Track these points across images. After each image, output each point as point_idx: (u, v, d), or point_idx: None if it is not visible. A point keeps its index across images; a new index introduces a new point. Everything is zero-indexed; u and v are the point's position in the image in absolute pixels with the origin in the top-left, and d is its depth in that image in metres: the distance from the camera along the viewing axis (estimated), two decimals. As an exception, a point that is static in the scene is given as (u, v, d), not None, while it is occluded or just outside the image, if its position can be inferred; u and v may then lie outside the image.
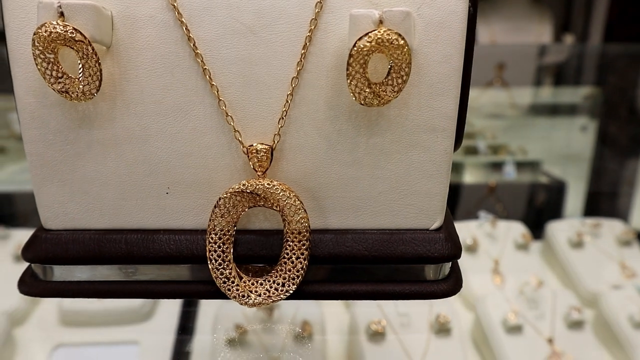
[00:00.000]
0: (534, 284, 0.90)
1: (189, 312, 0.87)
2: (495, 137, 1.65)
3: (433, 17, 0.30)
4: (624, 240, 1.05)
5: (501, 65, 2.31)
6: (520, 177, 1.46)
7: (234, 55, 0.30)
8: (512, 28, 2.41)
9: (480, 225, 1.07)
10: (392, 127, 0.30)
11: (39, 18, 0.28)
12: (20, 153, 1.63)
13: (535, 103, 2.06)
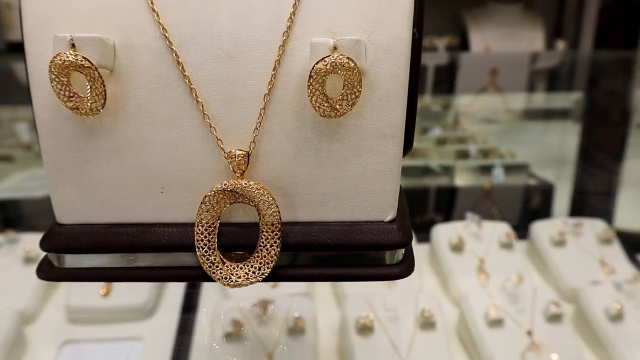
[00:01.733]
0: (515, 281, 0.95)
1: (189, 309, 0.92)
2: (486, 142, 1.70)
3: (382, 42, 0.35)
4: (604, 239, 1.10)
5: (494, 70, 2.36)
6: (509, 179, 1.50)
7: (216, 76, 0.36)
8: (505, 34, 2.44)
9: (466, 225, 1.12)
10: (350, 135, 0.36)
11: (54, 49, 0.34)
12: (27, 161, 1.68)
13: (528, 108, 2.10)
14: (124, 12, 0.36)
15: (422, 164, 1.51)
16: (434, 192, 1.51)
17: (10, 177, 1.62)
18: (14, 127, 1.89)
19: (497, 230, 1.10)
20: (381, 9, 0.35)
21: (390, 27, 0.35)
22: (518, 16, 2.49)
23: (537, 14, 2.49)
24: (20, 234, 1.09)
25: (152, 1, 0.35)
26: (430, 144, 1.67)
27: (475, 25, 2.45)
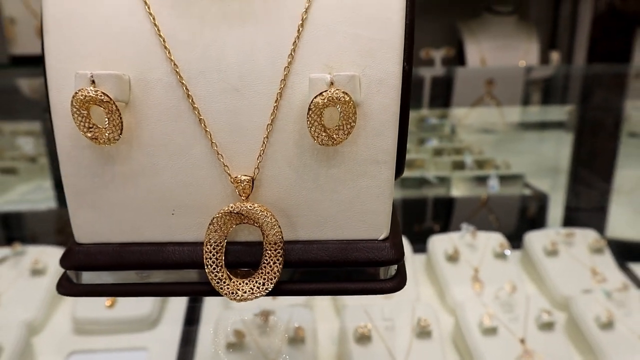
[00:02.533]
0: (508, 290, 0.98)
1: (192, 320, 0.95)
2: (481, 152, 1.72)
3: (374, 76, 0.39)
4: (595, 248, 1.13)
5: (490, 81, 2.39)
6: (504, 189, 1.53)
7: (223, 108, 0.39)
8: (500, 46, 2.47)
9: (461, 236, 1.15)
10: (346, 161, 0.40)
11: (76, 84, 0.37)
12: (31, 173, 1.70)
13: (524, 119, 2.12)
14: (138, 50, 0.39)
15: (419, 175, 1.54)
16: (432, 202, 1.54)
17: (14, 189, 1.64)
18: (17, 140, 1.91)
19: (492, 241, 1.13)
20: (373, 45, 0.39)
21: (382, 62, 0.39)
22: (513, 28, 2.52)
23: (532, 25, 2.53)
24: (26, 246, 1.12)
25: (164, 40, 0.39)
26: (427, 155, 1.70)
27: (471, 37, 2.49)
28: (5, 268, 1.07)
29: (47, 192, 1.56)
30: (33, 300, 0.98)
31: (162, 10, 0.39)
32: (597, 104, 1.89)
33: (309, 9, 0.39)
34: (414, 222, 1.47)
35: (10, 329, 0.86)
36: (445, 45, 2.51)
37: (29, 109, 2.16)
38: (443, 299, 1.04)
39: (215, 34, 0.39)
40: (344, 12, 0.39)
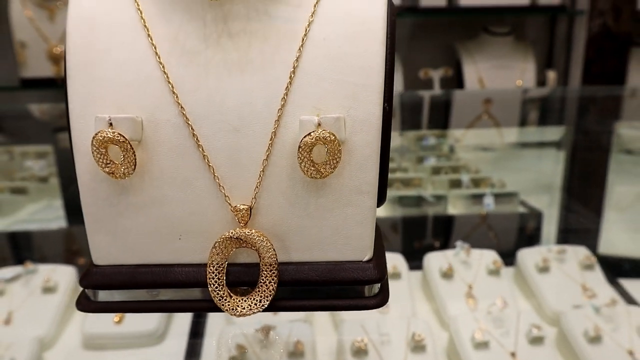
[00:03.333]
0: (499, 305, 1.02)
1: (197, 335, 0.99)
2: (478, 171, 1.76)
3: (358, 117, 0.44)
4: (585, 265, 1.17)
5: (488, 99, 2.44)
6: (500, 207, 1.57)
7: (224, 145, 0.44)
8: (497, 66, 2.52)
9: (456, 253, 1.19)
10: (333, 192, 0.45)
11: (96, 126, 0.43)
12: (40, 193, 1.75)
13: (521, 138, 2.16)
14: (150, 94, 0.44)
15: (416, 194, 1.59)
16: (430, 220, 1.58)
17: (24, 208, 1.67)
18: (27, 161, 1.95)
19: (485, 258, 1.18)
20: (357, 90, 0.44)
21: (365, 104, 0.44)
22: (510, 48, 2.56)
23: (529, 45, 2.57)
24: (38, 265, 1.16)
25: (172, 86, 0.44)
26: (425, 173, 1.74)
27: (468, 57, 2.54)
28: (18, 286, 1.11)
29: (57, 212, 1.61)
30: (44, 317, 1.03)
31: (170, 59, 0.45)
32: (590, 124, 1.93)
33: (299, 58, 0.44)
34: (413, 239, 1.51)
35: (23, 345, 0.90)
36: (443, 65, 2.57)
37: (39, 130, 2.22)
38: (438, 314, 1.08)
39: (218, 80, 0.44)
40: (331, 61, 0.44)
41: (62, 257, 1.38)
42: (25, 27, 2.32)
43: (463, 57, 2.51)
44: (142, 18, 0.46)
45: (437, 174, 1.73)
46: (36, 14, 2.31)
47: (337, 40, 0.45)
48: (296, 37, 0.45)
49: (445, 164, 1.82)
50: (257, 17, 0.45)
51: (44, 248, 1.45)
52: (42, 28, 2.30)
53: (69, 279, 1.12)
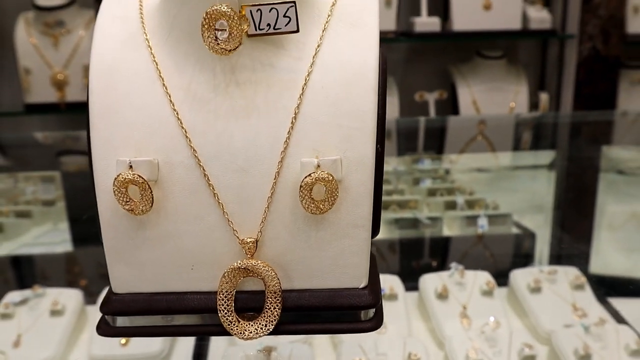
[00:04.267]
0: (493, 325, 1.06)
1: (200, 357, 1.03)
2: (472, 193, 1.81)
3: (353, 158, 0.49)
4: (576, 285, 1.21)
5: (482, 121, 2.49)
6: (493, 229, 1.61)
7: (233, 184, 0.49)
8: (491, 88, 2.57)
9: (451, 275, 1.23)
10: (332, 226, 0.50)
11: (117, 169, 0.47)
12: (44, 217, 1.79)
13: (514, 159, 2.20)
14: (165, 138, 0.49)
15: (412, 216, 1.63)
16: (426, 242, 1.62)
17: (29, 232, 1.71)
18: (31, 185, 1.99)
19: (479, 279, 1.22)
20: (352, 133, 0.49)
21: (359, 146, 0.49)
22: (503, 71, 2.62)
23: (521, 68, 2.63)
24: (45, 288, 1.20)
25: (185, 130, 0.49)
26: (421, 195, 1.79)
27: (462, 80, 2.59)
28: (27, 309, 1.15)
29: (61, 235, 1.65)
30: (52, 339, 1.06)
31: (183, 106, 0.50)
32: (581, 146, 1.98)
33: (300, 105, 0.49)
34: (409, 260, 1.55)
35: (35, 367, 0.94)
36: (438, 88, 2.63)
37: (43, 154, 2.26)
38: (433, 334, 1.12)
39: (226, 124, 0.49)
40: (329, 107, 0.49)
41: (69, 281, 1.42)
42: (29, 54, 2.39)
43: (457, 80, 2.57)
44: (158, 69, 0.51)
45: (433, 196, 1.78)
46: (40, 42, 2.38)
47: (334, 88, 0.50)
48: (297, 85, 0.50)
49: (441, 185, 1.86)
50: (261, 68, 0.50)
51: (50, 271, 1.49)
52: (47, 55, 2.37)
53: (76, 301, 1.16)
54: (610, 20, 2.35)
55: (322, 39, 0.51)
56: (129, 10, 0.54)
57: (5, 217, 1.71)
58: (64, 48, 2.34)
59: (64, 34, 2.34)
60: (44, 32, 2.34)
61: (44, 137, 2.51)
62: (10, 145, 2.33)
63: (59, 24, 2.34)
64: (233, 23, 0.46)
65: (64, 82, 2.33)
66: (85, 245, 1.56)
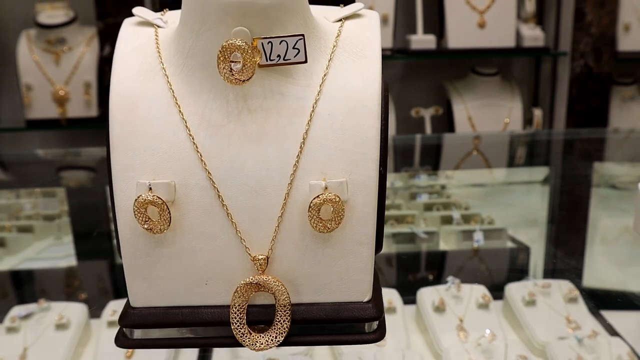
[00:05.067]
0: (489, 337, 1.09)
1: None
2: (468, 208, 1.84)
3: (358, 180, 0.52)
4: (569, 298, 1.24)
5: (478, 136, 2.53)
6: (489, 243, 1.64)
7: (245, 205, 0.53)
8: (485, 104, 2.61)
9: (447, 288, 1.26)
10: (338, 243, 0.53)
11: (137, 191, 0.51)
12: (46, 231, 1.81)
13: (508, 177, 2.23)
14: (181, 161, 0.53)
15: (410, 231, 1.66)
16: (423, 256, 1.65)
17: (30, 246, 1.73)
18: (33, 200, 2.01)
19: (475, 292, 1.25)
20: (357, 157, 0.53)
21: (363, 169, 0.53)
22: (497, 87, 2.66)
23: (515, 84, 2.68)
24: (51, 302, 1.22)
25: (200, 154, 0.53)
26: (418, 210, 1.82)
27: (457, 97, 2.63)
28: (32, 323, 1.17)
29: (65, 250, 1.67)
30: (57, 353, 1.09)
31: (199, 131, 0.53)
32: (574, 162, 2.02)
33: (308, 131, 0.53)
34: (406, 274, 1.58)
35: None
36: (434, 104, 2.67)
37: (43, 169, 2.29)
38: (431, 346, 1.15)
39: (239, 149, 0.53)
40: (335, 133, 0.53)
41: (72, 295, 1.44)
42: (31, 71, 2.42)
43: (452, 97, 2.62)
44: (174, 96, 0.54)
45: (429, 210, 1.81)
46: (42, 58, 2.41)
47: (339, 115, 0.53)
48: (305, 112, 0.53)
49: (437, 200, 1.89)
50: (271, 96, 0.53)
51: (53, 286, 1.51)
52: (48, 72, 2.40)
53: (80, 315, 1.18)
54: (602, 38, 2.40)
55: (328, 69, 0.55)
56: (145, 40, 0.58)
57: (7, 232, 1.73)
58: (65, 65, 2.38)
59: (65, 51, 2.38)
60: (46, 49, 2.38)
61: (45, 153, 2.54)
62: (12, 161, 2.36)
63: (60, 41, 2.38)
64: (247, 55, 0.50)
65: (65, 98, 2.37)
66: (87, 260, 1.58)
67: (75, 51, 2.39)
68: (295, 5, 0.53)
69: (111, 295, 1.38)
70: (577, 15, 2.39)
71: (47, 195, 2.02)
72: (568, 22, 2.43)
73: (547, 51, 2.50)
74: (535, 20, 2.47)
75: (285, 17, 0.52)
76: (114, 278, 1.49)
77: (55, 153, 2.53)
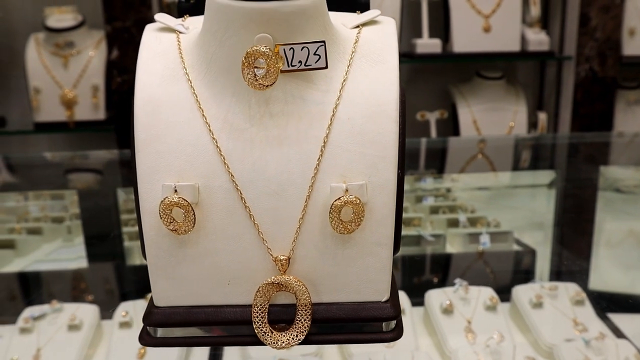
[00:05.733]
0: (497, 339, 1.11)
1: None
2: (474, 211, 1.85)
3: (377, 182, 0.54)
4: (576, 300, 1.26)
5: (483, 140, 2.54)
6: (495, 246, 1.66)
7: (267, 207, 0.54)
8: (490, 108, 2.62)
9: (455, 290, 1.28)
10: (357, 244, 0.54)
11: (163, 193, 0.52)
12: (55, 234, 1.83)
13: (513, 180, 2.23)
14: (205, 164, 0.54)
15: (416, 233, 1.68)
16: (429, 258, 1.67)
17: (39, 248, 1.74)
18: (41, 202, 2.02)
19: (483, 294, 1.26)
20: (376, 160, 0.54)
21: (382, 172, 0.54)
22: (502, 91, 2.67)
23: (520, 88, 2.68)
24: (63, 303, 1.24)
25: (224, 157, 0.54)
26: (424, 213, 1.83)
27: (462, 100, 2.64)
28: (45, 324, 1.19)
29: (75, 253, 1.69)
30: (70, 353, 1.10)
31: (222, 135, 0.55)
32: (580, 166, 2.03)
33: (328, 135, 0.54)
34: (414, 277, 1.59)
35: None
36: (439, 108, 2.69)
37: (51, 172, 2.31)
38: (439, 348, 1.16)
39: (261, 152, 0.54)
40: (354, 136, 0.54)
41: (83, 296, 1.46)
42: (40, 74, 2.44)
43: (457, 100, 2.63)
44: (197, 100, 0.56)
45: (436, 213, 1.82)
46: (51, 62, 2.43)
47: (359, 119, 0.55)
48: (325, 116, 0.55)
49: (443, 203, 1.91)
50: (293, 101, 0.55)
51: (66, 287, 1.52)
52: (56, 75, 2.42)
53: (92, 316, 1.20)
54: (607, 42, 2.42)
55: (347, 74, 0.56)
56: (167, 46, 0.59)
57: (17, 234, 1.75)
58: (73, 68, 2.40)
59: (73, 54, 2.40)
60: (54, 52, 2.40)
61: (52, 155, 2.55)
62: (20, 163, 2.37)
63: (68, 44, 2.40)
64: (270, 62, 0.51)
65: (73, 101, 2.38)
66: (98, 262, 1.60)
67: (83, 54, 2.41)
68: (316, 12, 0.55)
69: (120, 297, 1.40)
70: (582, 19, 2.40)
71: (56, 198, 2.04)
72: (573, 27, 2.44)
73: (552, 55, 2.51)
74: (540, 25, 2.48)
75: (306, 24, 0.54)
76: (126, 280, 1.50)
77: (63, 156, 2.54)
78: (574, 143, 2.32)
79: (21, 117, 2.59)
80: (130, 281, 1.53)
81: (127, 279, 1.52)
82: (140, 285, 1.41)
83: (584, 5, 2.37)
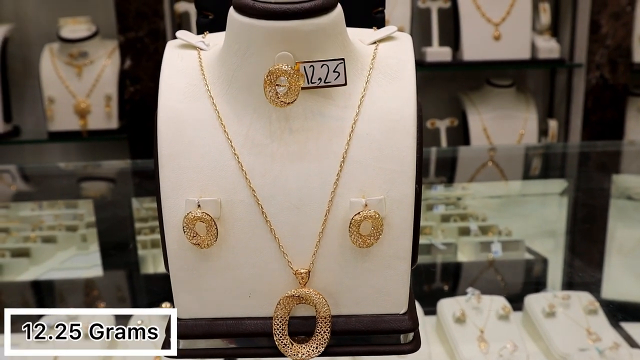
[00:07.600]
0: (510, 349, 1.11)
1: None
2: (485, 219, 1.85)
3: (395, 197, 0.55)
4: (589, 310, 1.25)
5: (493, 148, 2.54)
6: (506, 255, 1.65)
7: (287, 221, 0.55)
8: (500, 116, 2.62)
9: (467, 299, 1.28)
10: (376, 258, 0.55)
11: (186, 207, 0.54)
12: (69, 242, 1.84)
13: (524, 189, 2.23)
14: (227, 179, 0.55)
15: (428, 242, 1.68)
16: (440, 267, 1.67)
17: (53, 256, 1.76)
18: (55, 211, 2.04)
19: (495, 303, 1.26)
20: (394, 175, 0.55)
21: (400, 187, 0.55)
22: (512, 99, 2.67)
23: (530, 96, 2.68)
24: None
25: (245, 172, 0.55)
26: (435, 221, 1.84)
27: (472, 108, 2.65)
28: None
29: (89, 261, 1.70)
30: (88, 358, 1.11)
31: (243, 151, 0.56)
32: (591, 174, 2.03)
33: (348, 150, 0.55)
34: (425, 285, 1.59)
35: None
36: (449, 116, 2.69)
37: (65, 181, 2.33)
38: (452, 357, 1.16)
39: (281, 168, 0.56)
40: (373, 152, 0.56)
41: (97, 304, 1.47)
42: (54, 84, 2.47)
43: (468, 108, 2.63)
44: (219, 117, 0.57)
45: (447, 222, 1.82)
46: (65, 72, 2.46)
47: (377, 134, 0.56)
48: (344, 132, 0.56)
49: (454, 211, 1.91)
50: (312, 117, 0.56)
51: (81, 295, 1.54)
52: (70, 85, 2.45)
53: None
54: (618, 49, 2.41)
55: (366, 90, 0.57)
56: (189, 63, 0.61)
57: (32, 242, 1.76)
58: (87, 78, 2.43)
59: (87, 64, 2.43)
60: (68, 62, 2.43)
61: (66, 165, 2.58)
62: (34, 173, 2.40)
63: (82, 54, 2.42)
64: (292, 79, 0.52)
65: (87, 110, 2.41)
66: (110, 270, 1.62)
67: (97, 64, 2.43)
68: (335, 30, 0.56)
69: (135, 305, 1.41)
70: (593, 27, 2.40)
71: (69, 207, 2.06)
72: (583, 34, 2.44)
73: (562, 63, 2.51)
74: (551, 32, 2.48)
75: (325, 42, 0.55)
76: (140, 289, 1.52)
77: (76, 165, 2.57)
78: (585, 152, 2.31)
79: (35, 126, 2.62)
80: (144, 290, 1.54)
81: (141, 288, 1.53)
82: (154, 294, 1.43)
83: (594, 12, 2.37)
